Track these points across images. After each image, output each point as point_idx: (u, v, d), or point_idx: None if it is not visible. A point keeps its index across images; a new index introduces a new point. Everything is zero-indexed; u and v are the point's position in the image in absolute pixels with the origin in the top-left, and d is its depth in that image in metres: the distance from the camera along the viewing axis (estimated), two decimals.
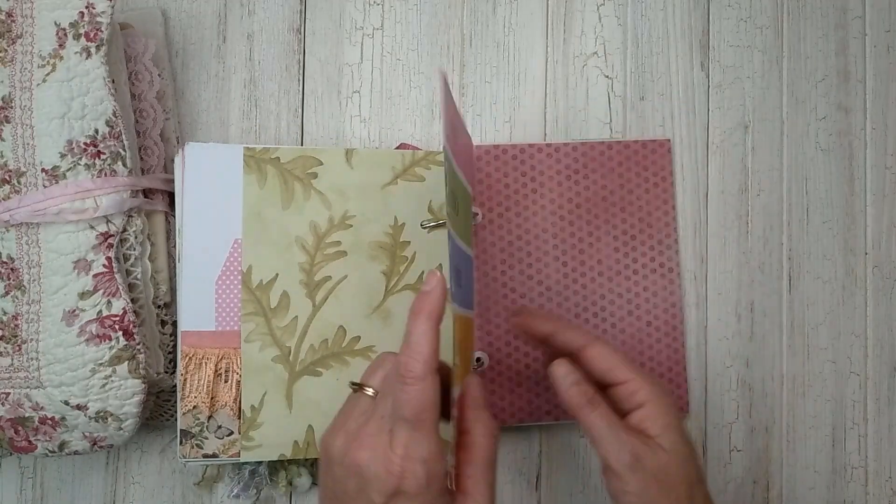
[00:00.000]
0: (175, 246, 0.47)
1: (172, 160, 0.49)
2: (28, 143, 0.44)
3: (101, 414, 0.44)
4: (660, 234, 0.52)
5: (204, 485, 0.50)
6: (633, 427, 0.39)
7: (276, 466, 0.50)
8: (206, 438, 0.47)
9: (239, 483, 0.49)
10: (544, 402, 0.50)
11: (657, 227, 0.52)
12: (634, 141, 0.52)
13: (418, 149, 0.51)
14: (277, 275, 0.48)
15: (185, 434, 0.47)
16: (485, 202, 0.51)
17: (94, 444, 0.46)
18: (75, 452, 0.46)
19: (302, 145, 0.52)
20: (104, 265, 0.44)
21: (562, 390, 0.40)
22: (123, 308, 0.44)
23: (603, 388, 0.41)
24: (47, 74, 0.44)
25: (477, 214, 0.51)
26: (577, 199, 0.52)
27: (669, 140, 0.52)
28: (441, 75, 0.37)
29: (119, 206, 0.44)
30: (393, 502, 0.34)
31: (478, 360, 0.50)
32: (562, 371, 0.40)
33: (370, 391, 0.37)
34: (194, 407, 0.47)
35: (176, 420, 0.47)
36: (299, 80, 0.53)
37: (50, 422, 0.45)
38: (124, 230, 0.45)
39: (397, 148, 0.51)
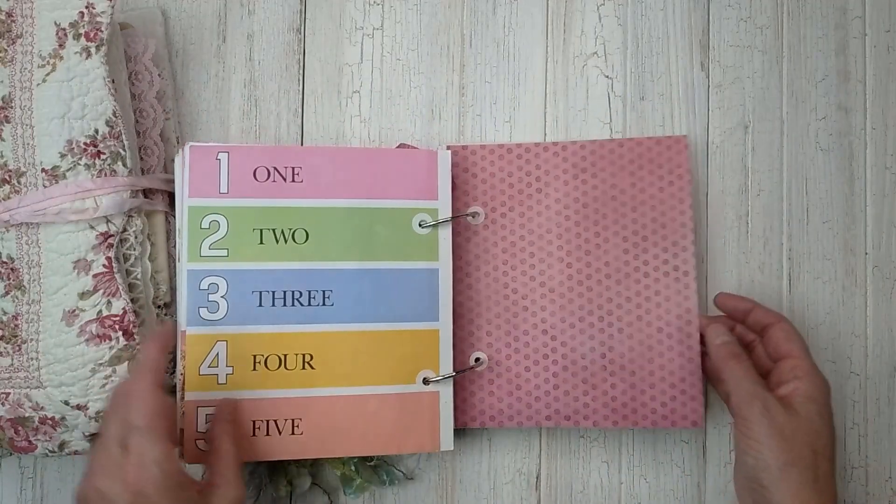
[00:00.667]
0: (175, 246, 0.47)
1: (172, 160, 0.49)
2: (28, 143, 0.44)
3: (101, 414, 0.44)
4: (674, 234, 0.50)
5: None
6: (780, 395, 0.43)
7: (276, 466, 0.50)
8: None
9: None
10: (544, 407, 0.50)
11: (671, 228, 0.50)
12: (648, 138, 0.51)
13: (417, 149, 0.51)
14: None
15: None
16: (488, 202, 0.51)
17: None
18: (75, 452, 0.46)
19: (302, 145, 0.52)
20: (104, 265, 0.44)
21: (712, 346, 0.46)
22: (123, 308, 0.44)
23: (774, 361, 0.46)
24: (47, 74, 0.44)
25: (478, 214, 0.51)
26: (584, 198, 0.51)
27: (686, 136, 0.51)
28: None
29: (119, 206, 0.44)
30: None
31: (477, 359, 0.50)
32: (715, 329, 0.47)
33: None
34: None
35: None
36: (299, 80, 0.53)
37: (50, 422, 0.45)
38: (124, 230, 0.45)
39: (397, 148, 0.51)
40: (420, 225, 0.49)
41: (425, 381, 0.48)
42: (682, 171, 0.50)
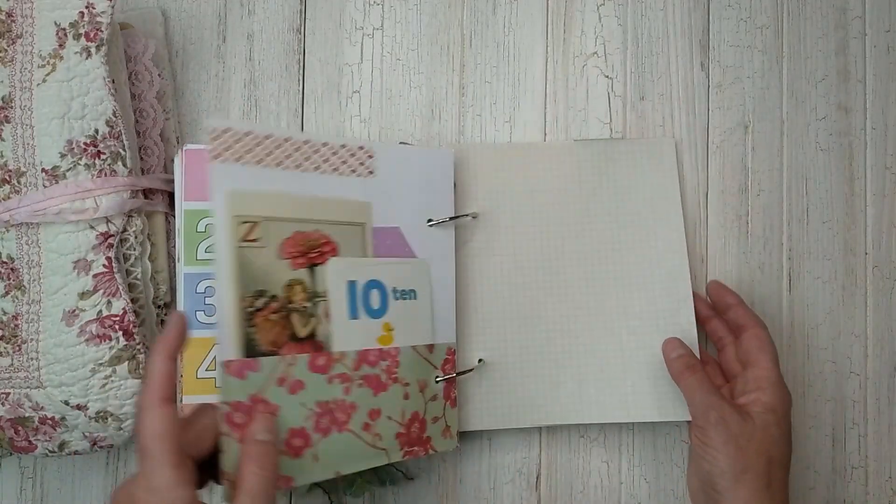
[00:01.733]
0: (175, 246, 0.47)
1: (172, 160, 0.49)
2: (28, 143, 0.44)
3: (101, 414, 0.44)
4: None
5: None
6: (740, 404, 0.45)
7: None
8: None
9: None
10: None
11: None
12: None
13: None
14: None
15: None
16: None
17: (94, 444, 0.46)
18: (75, 452, 0.46)
19: None
20: (104, 265, 0.44)
21: (668, 360, 0.48)
22: (123, 308, 0.44)
23: (742, 366, 0.47)
24: (47, 74, 0.44)
25: (478, 214, 0.51)
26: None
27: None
28: None
29: (119, 206, 0.44)
30: None
31: (479, 360, 0.50)
32: (670, 345, 0.48)
33: None
34: None
35: None
36: (299, 80, 0.53)
37: (50, 422, 0.45)
38: (124, 230, 0.45)
39: None
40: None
41: None
42: None
